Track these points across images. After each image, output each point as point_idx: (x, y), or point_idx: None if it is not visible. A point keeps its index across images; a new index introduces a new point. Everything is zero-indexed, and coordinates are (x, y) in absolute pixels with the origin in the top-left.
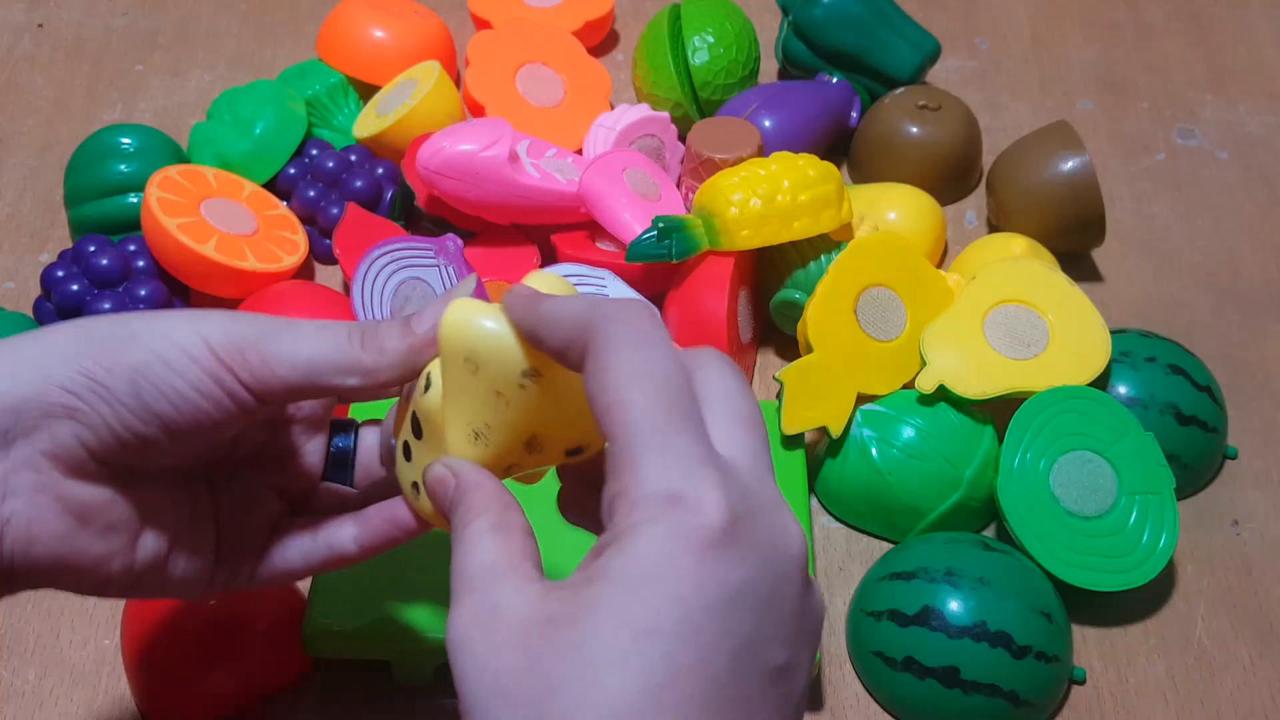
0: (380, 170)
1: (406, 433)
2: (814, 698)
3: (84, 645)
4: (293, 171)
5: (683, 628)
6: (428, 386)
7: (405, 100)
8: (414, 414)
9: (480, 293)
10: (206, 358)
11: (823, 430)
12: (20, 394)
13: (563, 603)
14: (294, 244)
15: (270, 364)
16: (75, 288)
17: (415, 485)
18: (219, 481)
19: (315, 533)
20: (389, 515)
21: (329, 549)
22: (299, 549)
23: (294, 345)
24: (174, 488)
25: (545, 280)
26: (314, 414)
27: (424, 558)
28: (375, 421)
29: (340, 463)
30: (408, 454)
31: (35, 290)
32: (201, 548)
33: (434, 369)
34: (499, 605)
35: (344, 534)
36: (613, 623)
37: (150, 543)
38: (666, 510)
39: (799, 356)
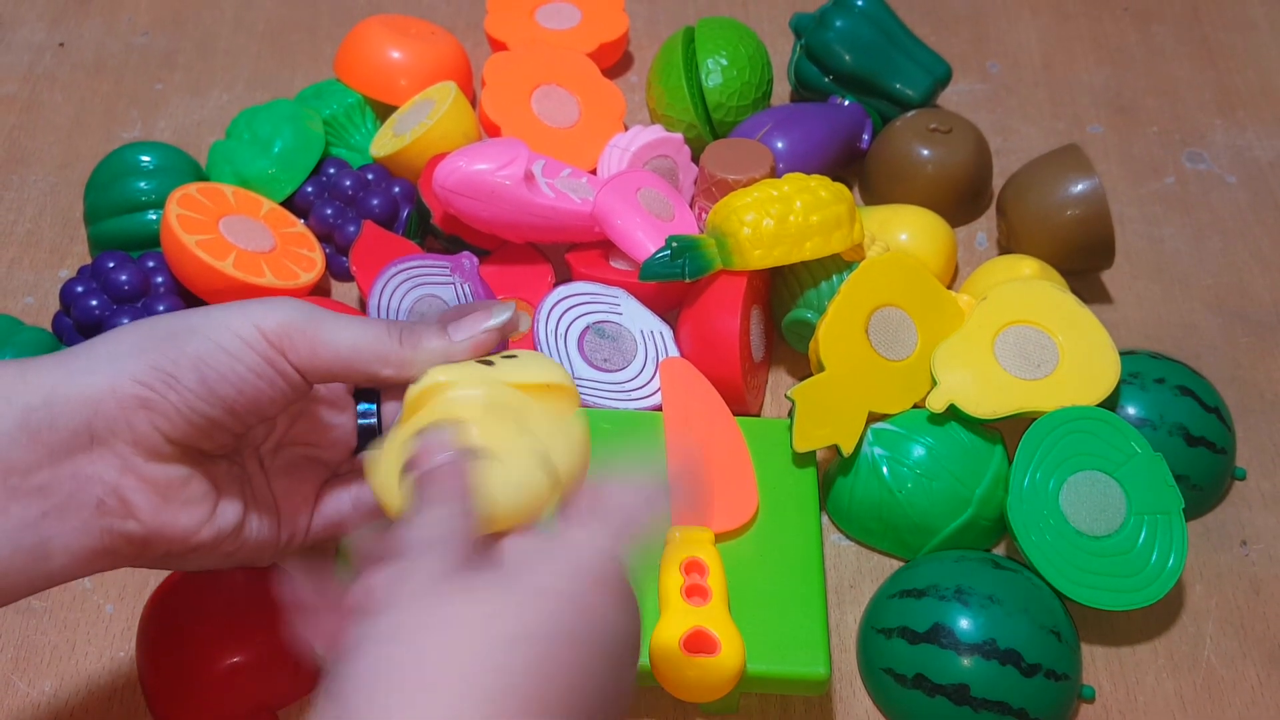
0: (397, 189)
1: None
2: (825, 714)
3: (100, 657)
4: (310, 190)
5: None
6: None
7: (422, 120)
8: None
9: (512, 323)
10: (261, 343)
11: (834, 448)
12: (98, 388)
13: None
14: (311, 261)
15: (316, 348)
16: (94, 303)
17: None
18: (267, 458)
19: (360, 489)
20: None
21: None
22: (347, 503)
23: (338, 332)
24: (236, 464)
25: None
26: (337, 394)
27: None
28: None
29: (368, 433)
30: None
31: (54, 305)
32: (267, 514)
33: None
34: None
35: None
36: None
37: (228, 512)
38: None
39: (810, 375)
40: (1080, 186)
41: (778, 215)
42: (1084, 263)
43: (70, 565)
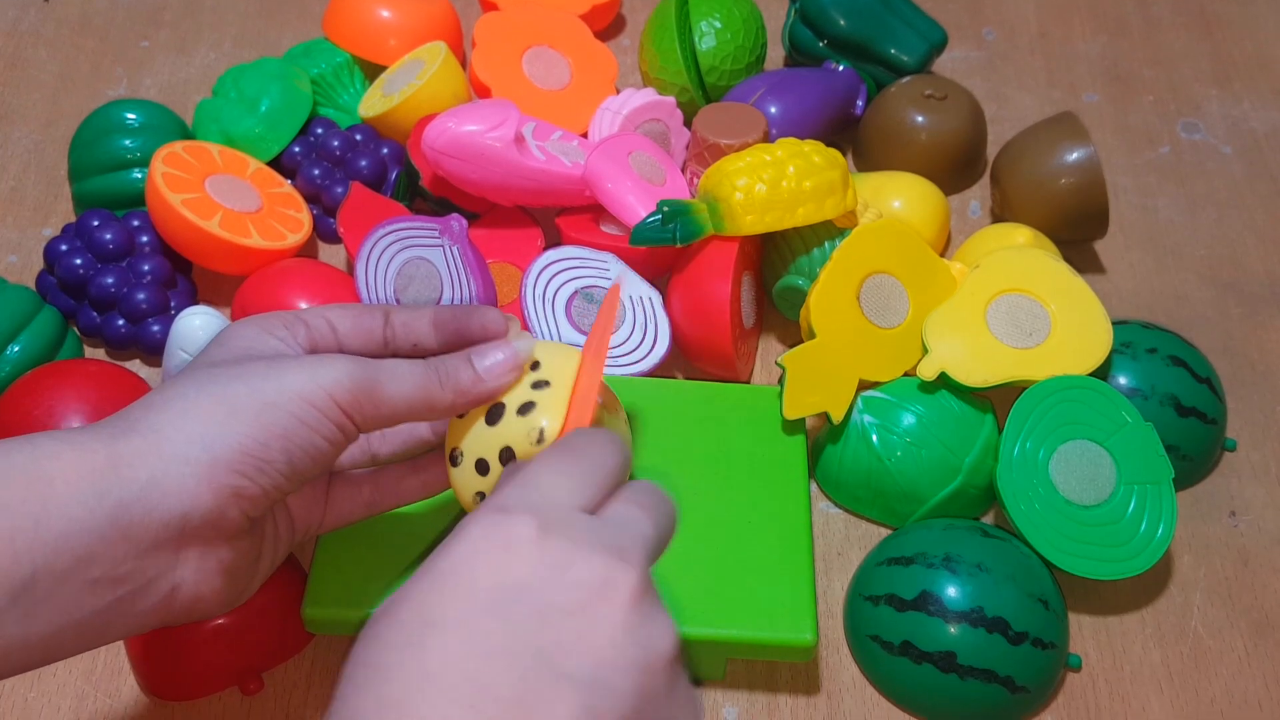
0: (385, 150)
1: (486, 451)
2: (811, 681)
3: None
4: (298, 150)
5: (464, 622)
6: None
7: (411, 80)
8: (509, 447)
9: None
10: (335, 411)
11: (824, 416)
12: (197, 481)
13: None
14: (298, 222)
15: (379, 406)
16: (78, 262)
17: (480, 495)
18: None
19: (373, 488)
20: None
21: (366, 501)
22: (360, 504)
23: (396, 387)
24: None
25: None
26: None
27: (421, 539)
28: None
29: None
30: (483, 468)
31: (38, 264)
32: (285, 529)
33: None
34: None
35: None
36: (408, 614)
37: (266, 556)
38: (487, 515)
39: (801, 342)
40: (1075, 155)
41: (770, 181)
42: (1078, 232)
43: (115, 639)
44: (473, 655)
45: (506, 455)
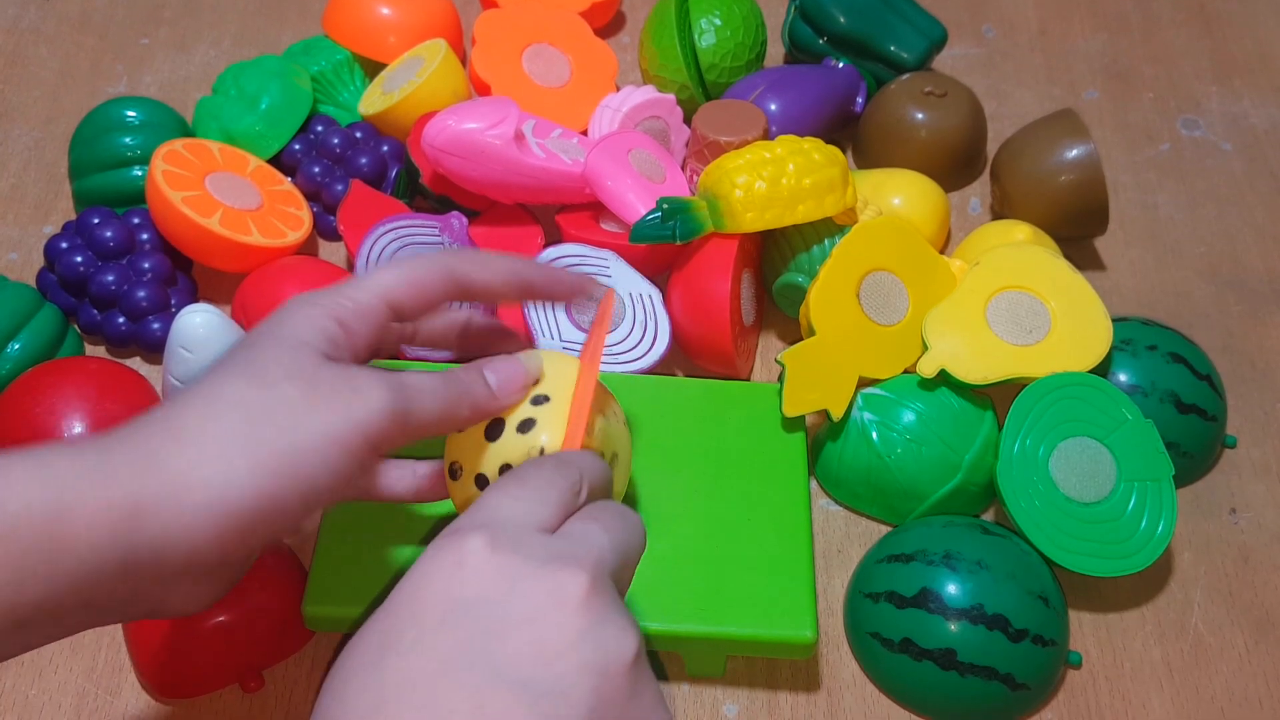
0: (385, 148)
1: (485, 467)
2: (811, 678)
3: None
4: (298, 147)
5: (419, 641)
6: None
7: (411, 78)
8: (508, 464)
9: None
10: (363, 450)
11: (823, 413)
12: (209, 530)
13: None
14: (298, 220)
15: (407, 435)
16: (79, 259)
17: None
18: None
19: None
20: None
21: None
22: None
23: (424, 414)
24: None
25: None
26: None
27: (421, 537)
28: None
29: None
30: (483, 483)
31: (39, 261)
32: None
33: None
34: None
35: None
36: (369, 639)
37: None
38: (443, 537)
39: (801, 339)
40: (1075, 152)
41: (770, 178)
42: (1078, 229)
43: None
44: (428, 673)
45: (506, 472)
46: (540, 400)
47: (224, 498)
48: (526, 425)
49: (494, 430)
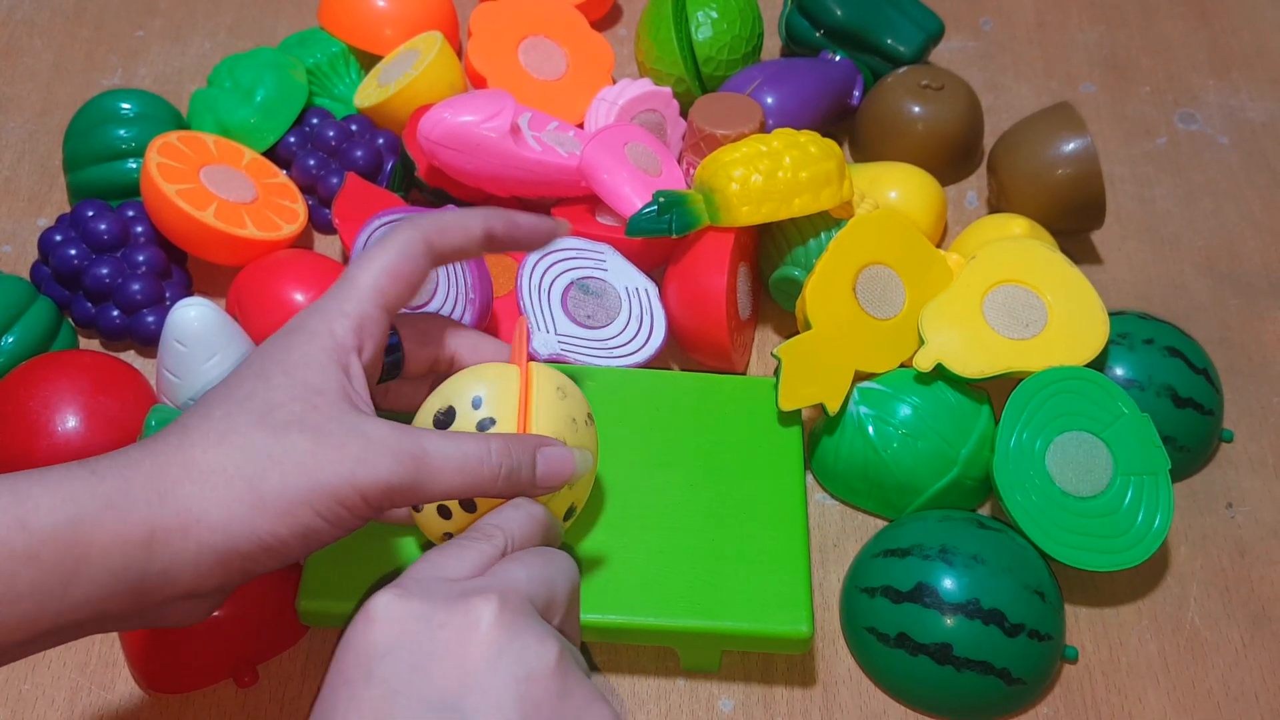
0: (381, 140)
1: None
2: (807, 673)
3: None
4: (293, 140)
5: (352, 698)
6: None
7: (407, 70)
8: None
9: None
10: (364, 509)
11: (820, 407)
12: (213, 564)
13: None
14: (293, 212)
15: (417, 498)
16: (73, 252)
17: (447, 535)
18: None
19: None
20: None
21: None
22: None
23: (441, 487)
24: None
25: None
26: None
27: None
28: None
29: (393, 368)
30: (445, 514)
31: (33, 254)
32: None
33: None
34: None
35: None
36: (316, 712)
37: None
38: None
39: (797, 333)
40: (1072, 145)
41: (766, 171)
42: (1074, 222)
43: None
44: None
45: (469, 502)
46: (487, 424)
47: (228, 537)
48: None
49: None
